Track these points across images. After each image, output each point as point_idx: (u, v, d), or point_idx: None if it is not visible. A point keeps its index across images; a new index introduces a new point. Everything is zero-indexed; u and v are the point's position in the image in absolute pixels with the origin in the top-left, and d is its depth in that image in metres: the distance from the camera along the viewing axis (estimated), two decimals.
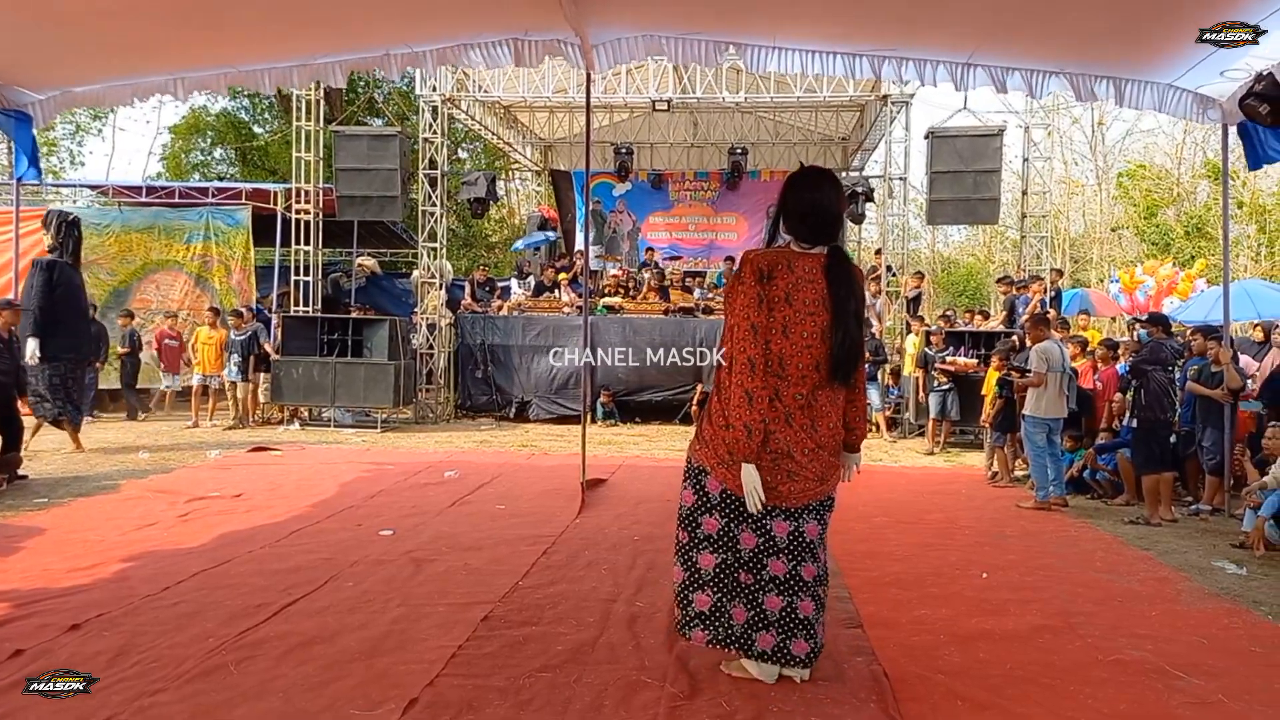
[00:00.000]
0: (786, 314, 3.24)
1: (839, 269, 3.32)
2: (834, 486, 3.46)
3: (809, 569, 3.37)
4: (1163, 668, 3.70)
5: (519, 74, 15.04)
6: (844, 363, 3.29)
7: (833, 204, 3.38)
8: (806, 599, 3.35)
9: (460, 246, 26.12)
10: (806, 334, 3.24)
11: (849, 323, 3.27)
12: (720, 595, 3.41)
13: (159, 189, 15.02)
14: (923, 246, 32.12)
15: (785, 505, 3.33)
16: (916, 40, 6.42)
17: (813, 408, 3.29)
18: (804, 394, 3.28)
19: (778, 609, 3.35)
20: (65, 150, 27.33)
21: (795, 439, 3.27)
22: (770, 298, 3.25)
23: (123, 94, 7.29)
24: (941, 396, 10.82)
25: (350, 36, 6.69)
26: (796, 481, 3.30)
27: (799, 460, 3.28)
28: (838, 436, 3.39)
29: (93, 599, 4.35)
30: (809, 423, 3.29)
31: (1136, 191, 26.66)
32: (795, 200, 3.38)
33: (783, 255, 3.31)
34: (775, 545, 3.36)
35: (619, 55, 6.61)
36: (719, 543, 3.39)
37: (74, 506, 6.71)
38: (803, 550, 3.36)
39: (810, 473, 3.30)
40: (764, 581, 3.37)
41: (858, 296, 3.35)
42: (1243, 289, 13.05)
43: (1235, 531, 6.40)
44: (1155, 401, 7.08)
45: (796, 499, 3.33)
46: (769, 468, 3.27)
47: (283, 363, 11.96)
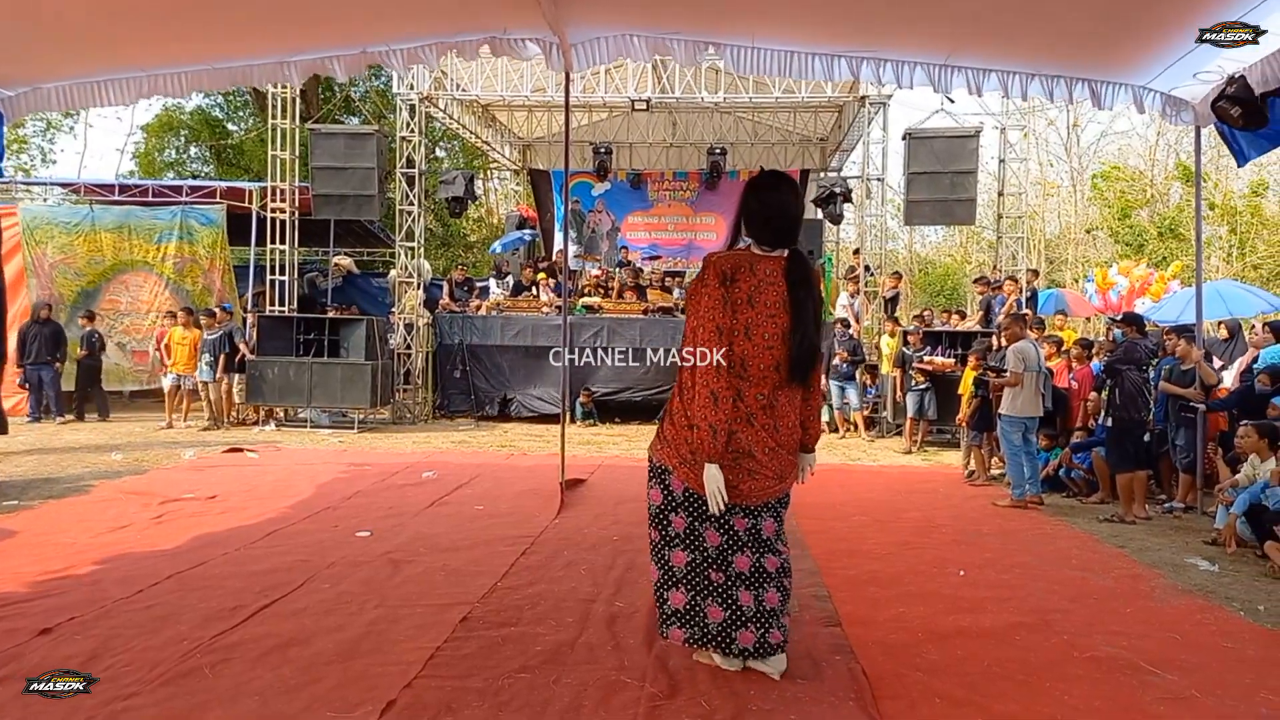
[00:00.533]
0: (749, 316, 3.31)
1: (799, 271, 3.39)
2: (791, 485, 3.57)
3: (771, 560, 3.47)
4: (1137, 664, 3.74)
5: (497, 73, 14.98)
6: (803, 363, 3.38)
7: (793, 208, 3.46)
8: (772, 590, 3.44)
9: (438, 246, 25.99)
10: (768, 335, 3.32)
11: (808, 324, 3.36)
12: (694, 594, 3.48)
13: (132, 187, 14.83)
14: (900, 247, 32.33)
15: (745, 503, 3.42)
16: (894, 42, 6.45)
17: (774, 408, 3.39)
18: (765, 394, 3.37)
19: (751, 603, 3.44)
20: (36, 148, 26.98)
21: (757, 438, 3.35)
22: (733, 300, 3.31)
23: (93, 92, 7.17)
24: (919, 396, 10.89)
25: (327, 34, 6.63)
26: (757, 480, 3.38)
27: (759, 459, 3.36)
28: (795, 436, 3.49)
29: (64, 602, 4.29)
30: (771, 423, 3.38)
31: (1111, 193, 26.95)
32: (757, 204, 3.46)
33: (745, 258, 3.37)
34: (738, 541, 3.44)
35: (598, 55, 6.60)
36: (687, 541, 3.47)
37: (45, 508, 6.62)
38: (762, 545, 3.46)
39: (770, 471, 3.39)
40: (733, 578, 3.45)
41: (816, 298, 3.42)
42: (1215, 289, 13.20)
43: (1208, 529, 6.49)
44: (1129, 401, 7.16)
45: (756, 497, 3.41)
46: (730, 466, 3.33)
47: (258, 363, 11.85)
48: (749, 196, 3.50)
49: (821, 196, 14.21)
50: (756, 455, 3.35)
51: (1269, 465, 6.06)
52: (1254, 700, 3.40)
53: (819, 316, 3.45)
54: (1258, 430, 6.29)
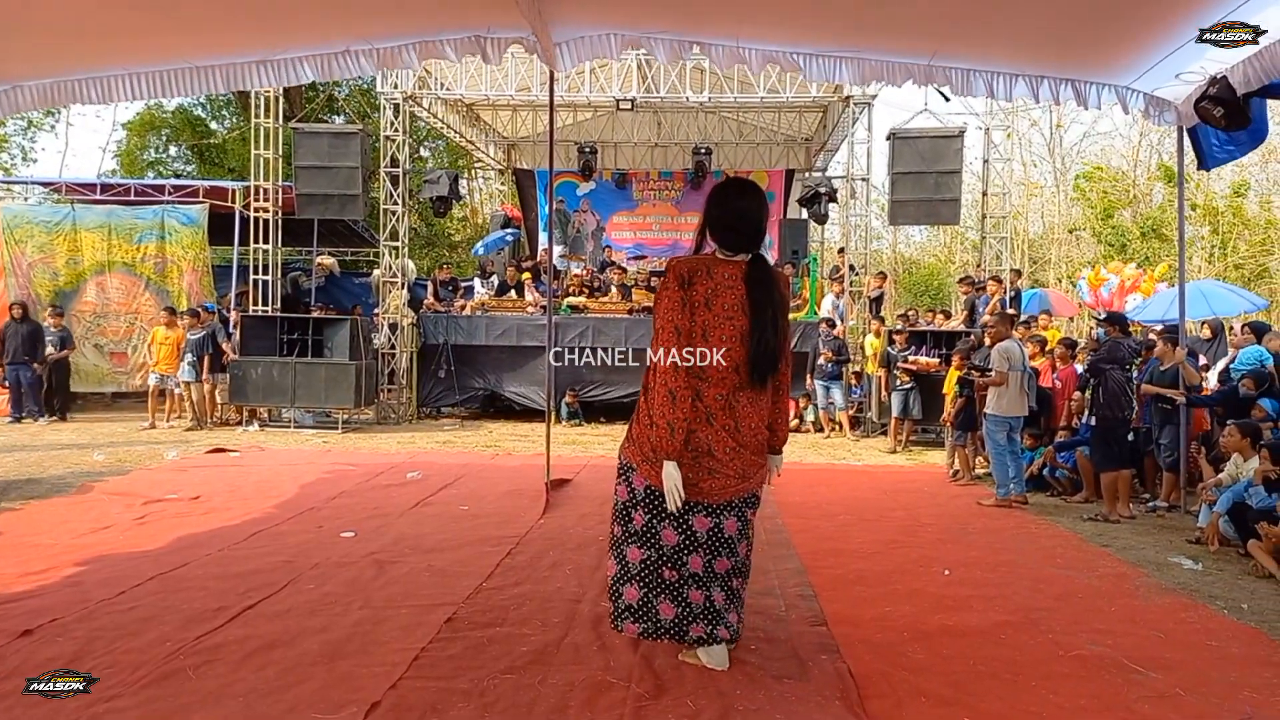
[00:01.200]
0: (706, 318, 3.38)
1: (759, 275, 3.45)
2: (758, 485, 3.60)
3: (722, 563, 3.54)
4: (1122, 662, 3.76)
5: (481, 72, 14.93)
6: (761, 365, 3.43)
7: (755, 214, 3.51)
8: (718, 590, 3.53)
9: (422, 245, 25.90)
10: (725, 337, 3.38)
11: (766, 327, 3.41)
12: (646, 590, 3.54)
13: (114, 186, 14.70)
14: (885, 247, 32.44)
15: (706, 501, 3.48)
16: (878, 42, 6.46)
17: (734, 409, 3.44)
18: (724, 395, 3.42)
19: (700, 601, 3.53)
20: (17, 146, 26.72)
21: (717, 438, 3.41)
22: (691, 302, 3.38)
23: (73, 90, 7.09)
24: (904, 395, 10.93)
25: (308, 32, 6.59)
26: (717, 478, 3.44)
27: (719, 458, 3.42)
28: (760, 436, 3.52)
29: (45, 604, 4.24)
30: (731, 423, 3.43)
31: (1093, 193, 27.13)
32: (721, 210, 3.53)
33: (703, 262, 3.46)
34: (695, 541, 3.51)
35: (581, 53, 6.58)
36: (644, 538, 3.53)
37: (26, 509, 6.55)
38: (720, 545, 3.53)
39: (731, 470, 3.44)
40: (685, 577, 3.52)
41: (776, 302, 3.47)
42: (1198, 289, 13.32)
43: (1191, 528, 6.53)
44: (1113, 400, 7.20)
45: (718, 495, 3.47)
46: (690, 464, 3.41)
47: (242, 363, 11.77)
48: (714, 203, 3.55)
49: (806, 196, 14.24)
50: (716, 454, 3.41)
51: (1252, 464, 6.11)
52: (1237, 698, 3.43)
53: (780, 320, 3.49)
54: (1241, 429, 6.35)
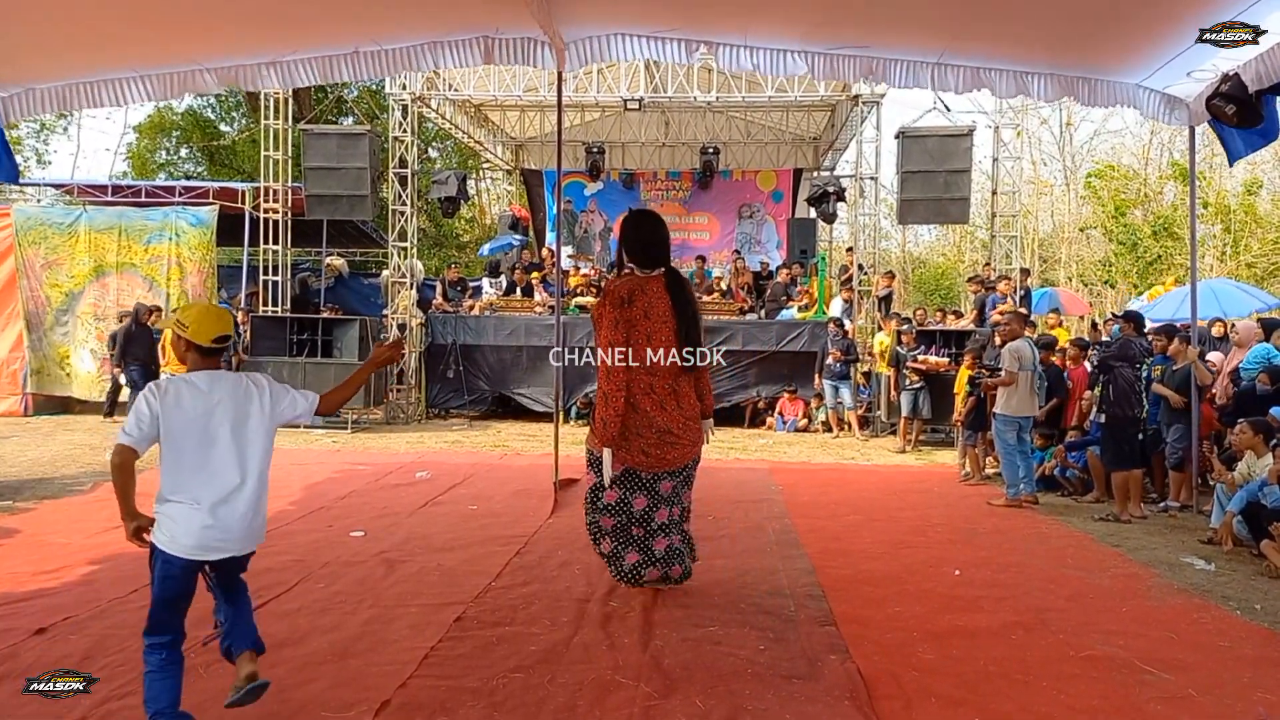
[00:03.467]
0: (648, 326, 4.21)
1: (676, 284, 4.35)
2: (701, 448, 4.47)
3: (676, 510, 4.48)
4: (1133, 663, 3.74)
5: (489, 73, 14.95)
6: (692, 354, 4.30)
7: (663, 237, 4.45)
8: (677, 534, 4.50)
9: (431, 246, 25.93)
10: (665, 338, 4.22)
11: (690, 323, 4.30)
12: (617, 544, 4.45)
13: (125, 188, 14.77)
14: (893, 246, 32.37)
15: (672, 469, 4.32)
16: (887, 40, 6.45)
17: (678, 393, 4.29)
18: (670, 383, 4.26)
19: (663, 548, 4.42)
20: (30, 149, 26.86)
21: (672, 419, 4.25)
22: (632, 317, 4.19)
23: (87, 93, 7.12)
24: (913, 395, 10.89)
25: (318, 35, 6.61)
26: (678, 449, 4.29)
27: (677, 434, 4.26)
28: (697, 408, 4.40)
29: (59, 602, 4.27)
30: (677, 404, 4.27)
31: (1104, 192, 26.99)
32: (636, 236, 4.43)
33: (636, 282, 4.30)
34: (661, 499, 4.37)
35: (590, 54, 6.59)
36: (616, 509, 4.38)
37: (40, 509, 6.59)
38: (676, 498, 4.47)
39: (686, 440, 4.31)
40: (653, 530, 4.40)
41: (691, 301, 4.38)
42: (1209, 288, 13.24)
43: (1204, 528, 6.48)
44: (1123, 398, 7.15)
45: (679, 462, 4.33)
46: (657, 443, 4.24)
47: (252, 363, 11.80)
48: (629, 231, 4.45)
49: (814, 195, 14.21)
50: (674, 431, 4.24)
51: (1265, 462, 6.06)
52: (1250, 699, 3.40)
53: (696, 315, 4.38)
54: (1253, 427, 6.29)
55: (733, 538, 5.95)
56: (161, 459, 2.86)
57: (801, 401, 12.69)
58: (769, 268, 16.45)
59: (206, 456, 2.89)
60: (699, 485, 4.83)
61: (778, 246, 18.22)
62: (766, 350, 12.75)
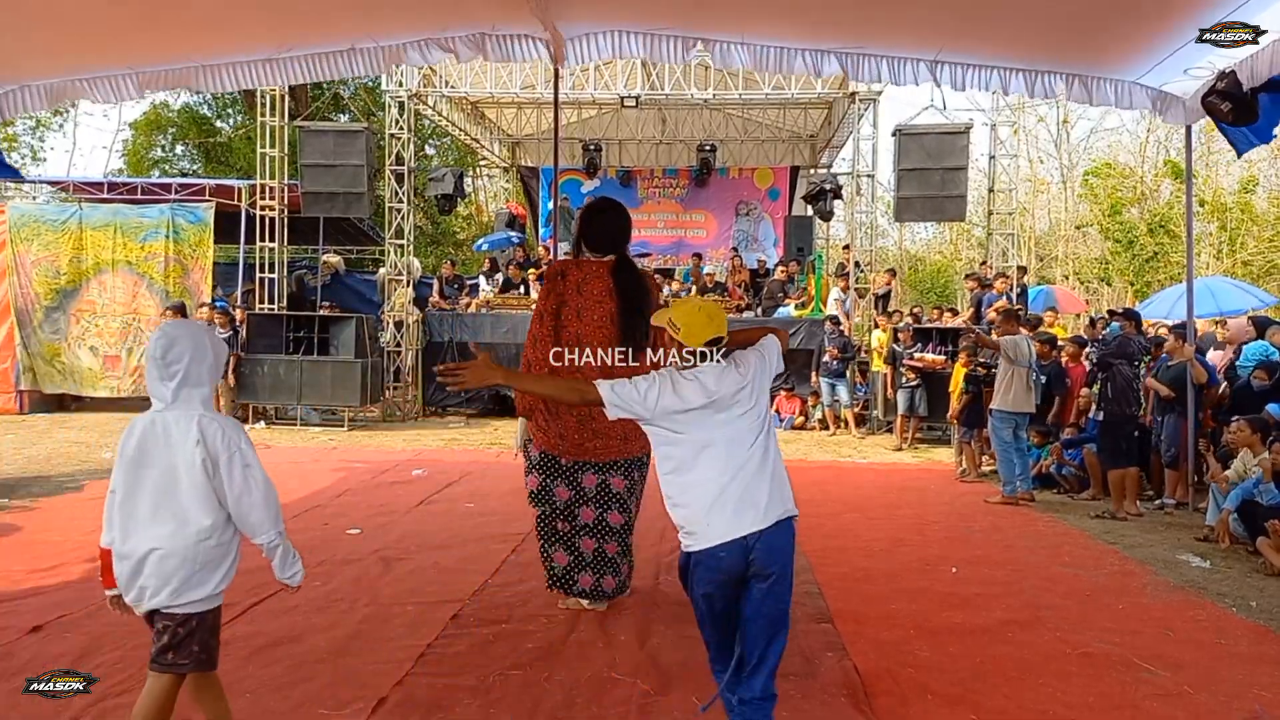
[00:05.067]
0: (579, 303, 4.04)
1: (623, 270, 4.13)
2: (639, 449, 4.08)
3: (615, 516, 4.15)
4: (1129, 660, 3.74)
5: (486, 70, 14.94)
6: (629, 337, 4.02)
7: (614, 226, 4.27)
8: (612, 542, 4.15)
9: (428, 244, 25.90)
10: (597, 319, 4.03)
11: (631, 311, 4.01)
12: (544, 541, 4.23)
13: (121, 185, 14.71)
14: (891, 244, 32.37)
15: (593, 459, 4.08)
16: (883, 38, 6.44)
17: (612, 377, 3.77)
18: (602, 367, 3.98)
19: (590, 550, 4.14)
20: (25, 146, 26.78)
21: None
22: (563, 292, 4.08)
23: (82, 89, 7.10)
24: (910, 393, 10.90)
25: (314, 30, 6.59)
26: (601, 439, 4.01)
27: (600, 423, 3.90)
28: None
29: (54, 600, 4.27)
30: None
31: (1101, 189, 27.01)
32: (588, 225, 4.30)
33: (576, 261, 4.22)
34: (584, 495, 4.13)
35: (587, 51, 6.58)
36: (539, 497, 4.18)
37: (36, 507, 6.57)
38: (610, 500, 4.14)
39: (615, 432, 3.94)
40: (577, 528, 4.14)
41: (639, 291, 4.09)
42: (1206, 286, 13.24)
43: (1200, 525, 6.50)
44: (1121, 396, 7.16)
45: (602, 454, 4.06)
46: (577, 427, 4.01)
47: (249, 361, 11.79)
48: (582, 221, 4.36)
49: (811, 193, 14.21)
50: (597, 418, 3.83)
51: (1261, 459, 6.07)
52: (1246, 696, 3.41)
53: (643, 304, 4.05)
54: (1250, 425, 6.29)
55: None
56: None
57: (798, 399, 12.69)
58: (766, 265, 16.45)
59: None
60: None
61: (775, 244, 18.21)
62: None
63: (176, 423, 2.50)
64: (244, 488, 2.52)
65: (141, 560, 2.49)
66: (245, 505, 2.53)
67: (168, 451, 2.49)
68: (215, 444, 2.49)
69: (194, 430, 2.48)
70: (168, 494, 2.49)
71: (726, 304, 13.84)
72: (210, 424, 2.51)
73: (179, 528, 2.48)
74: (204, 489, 2.50)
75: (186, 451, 2.48)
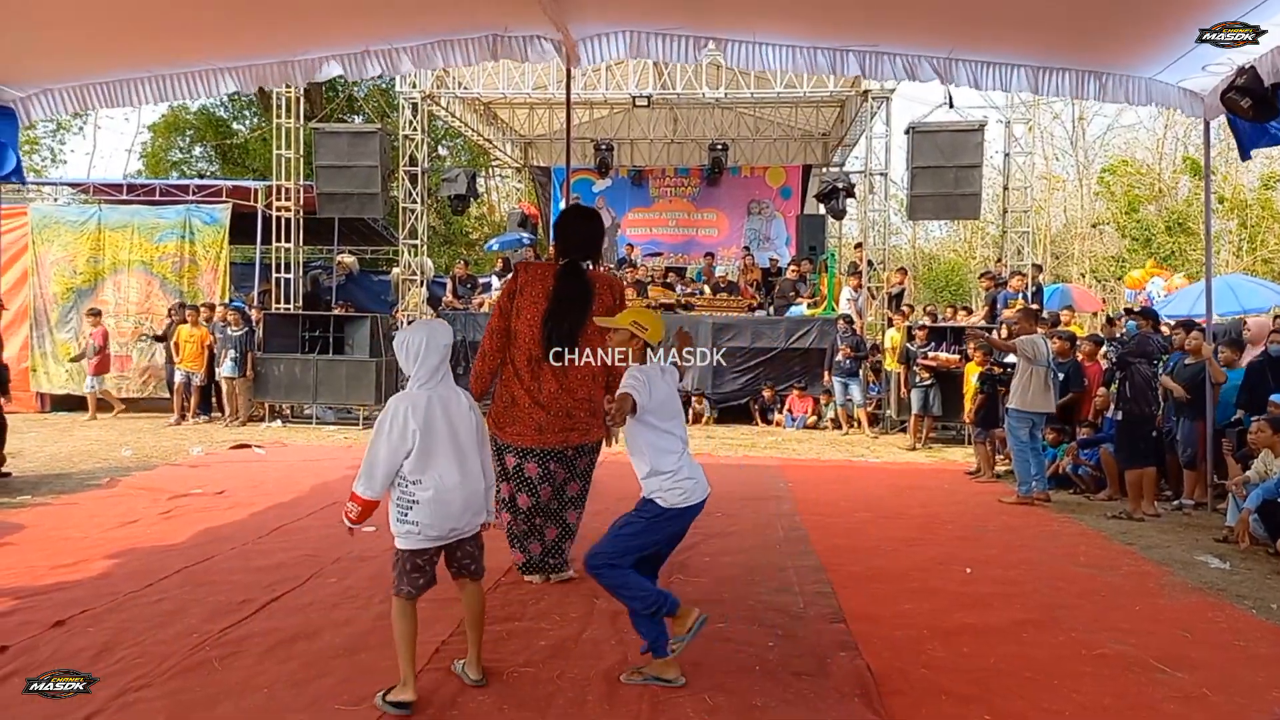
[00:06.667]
0: (519, 302, 4.49)
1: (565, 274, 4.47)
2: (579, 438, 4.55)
3: (523, 499, 4.54)
4: (1146, 661, 3.72)
5: (499, 71, 14.97)
6: (552, 340, 4.40)
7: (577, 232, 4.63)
8: (520, 521, 4.57)
9: (441, 244, 26.01)
10: (530, 318, 4.45)
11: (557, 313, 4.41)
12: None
13: (140, 186, 14.84)
14: (904, 242, 32.26)
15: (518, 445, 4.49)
16: (897, 36, 6.43)
17: (538, 374, 4.46)
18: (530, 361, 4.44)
19: (509, 523, 4.59)
20: (46, 149, 27.03)
21: (522, 395, 4.47)
22: (512, 289, 4.55)
23: (102, 94, 7.17)
24: (924, 392, 10.86)
25: (328, 33, 6.63)
26: (518, 425, 4.48)
27: (522, 410, 4.46)
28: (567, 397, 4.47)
29: (76, 596, 4.31)
30: (536, 383, 4.45)
31: (1118, 187, 26.83)
32: (558, 231, 4.71)
33: (532, 264, 4.71)
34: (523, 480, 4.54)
35: (599, 52, 6.59)
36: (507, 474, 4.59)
37: (57, 504, 6.64)
38: (522, 483, 4.53)
39: (531, 424, 4.45)
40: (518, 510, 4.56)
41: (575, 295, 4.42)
42: (1225, 283, 13.16)
43: (1219, 526, 6.43)
44: (1140, 395, 7.09)
45: (522, 441, 4.48)
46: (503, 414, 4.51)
47: (265, 360, 11.87)
48: (556, 227, 4.76)
49: (824, 192, 14.17)
50: (520, 405, 4.46)
51: None
52: (1266, 699, 3.38)
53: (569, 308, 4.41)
54: (1271, 425, 6.23)
55: (742, 534, 5.95)
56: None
57: (811, 398, 12.67)
58: (778, 264, 16.43)
59: None
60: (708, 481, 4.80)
61: (787, 243, 18.19)
62: (775, 347, 12.73)
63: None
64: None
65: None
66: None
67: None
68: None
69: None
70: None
71: (739, 304, 13.85)
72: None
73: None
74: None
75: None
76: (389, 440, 3.13)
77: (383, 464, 3.14)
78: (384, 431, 3.14)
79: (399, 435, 3.13)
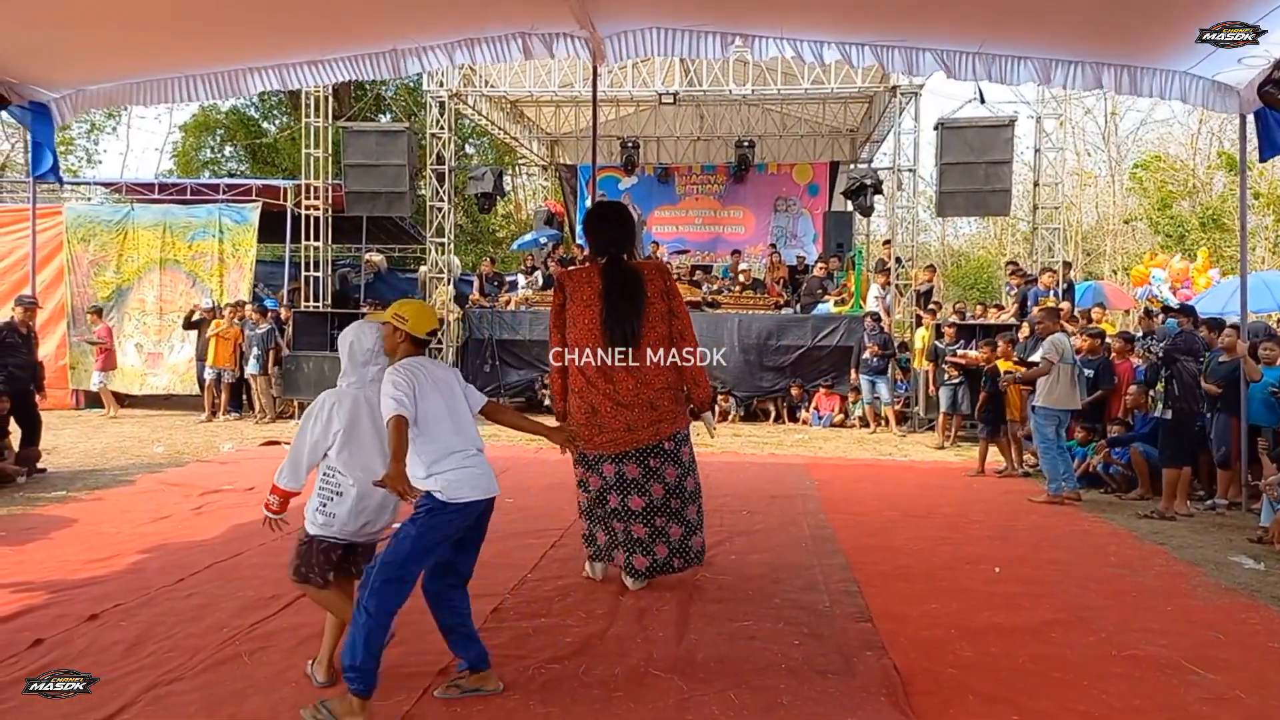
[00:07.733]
0: (574, 310, 4.42)
1: (610, 272, 4.40)
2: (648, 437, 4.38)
3: (635, 500, 4.42)
4: (1177, 662, 3.67)
5: (525, 69, 15.02)
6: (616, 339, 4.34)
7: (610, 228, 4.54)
8: (637, 524, 4.43)
9: (468, 242, 26.14)
10: (587, 322, 4.37)
11: (615, 311, 4.33)
12: (590, 521, 4.65)
13: (171, 186, 15.04)
14: (932, 239, 32.00)
15: (603, 452, 4.40)
16: (926, 30, 6.37)
17: (611, 377, 4.36)
18: (599, 366, 4.37)
19: (620, 530, 4.48)
20: (81, 149, 27.46)
21: (600, 401, 4.37)
22: (561, 302, 4.49)
23: (134, 94, 7.28)
24: (952, 390, 10.76)
25: (356, 33, 6.68)
26: (605, 434, 4.37)
27: (605, 417, 4.36)
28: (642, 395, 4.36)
29: (109, 590, 4.39)
30: (611, 387, 4.35)
31: (1150, 183, 26.43)
32: (587, 229, 4.66)
33: (573, 269, 4.66)
34: (607, 483, 4.46)
35: (626, 49, 6.60)
36: (581, 484, 4.61)
37: (91, 499, 6.75)
38: (628, 486, 4.42)
39: (617, 425, 4.35)
40: (609, 512, 4.49)
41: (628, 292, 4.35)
42: (1261, 280, 12.93)
43: (1253, 526, 6.33)
44: (1189, 393, 6.94)
45: (609, 447, 4.39)
46: (585, 423, 4.38)
47: (294, 357, 11.99)
48: (584, 225, 4.71)
49: (851, 189, 14.09)
50: (601, 413, 4.35)
51: None
52: None
53: (626, 305, 4.33)
54: None
55: (768, 532, 5.93)
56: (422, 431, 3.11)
57: (838, 396, 12.60)
58: (805, 261, 16.36)
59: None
60: (735, 479, 4.80)
61: (814, 240, 18.11)
62: (802, 345, 12.68)
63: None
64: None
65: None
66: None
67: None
68: None
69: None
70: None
71: (766, 301, 13.81)
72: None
73: None
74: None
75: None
76: (312, 434, 3.21)
77: (306, 457, 3.22)
78: (308, 426, 3.22)
79: (321, 430, 3.20)
